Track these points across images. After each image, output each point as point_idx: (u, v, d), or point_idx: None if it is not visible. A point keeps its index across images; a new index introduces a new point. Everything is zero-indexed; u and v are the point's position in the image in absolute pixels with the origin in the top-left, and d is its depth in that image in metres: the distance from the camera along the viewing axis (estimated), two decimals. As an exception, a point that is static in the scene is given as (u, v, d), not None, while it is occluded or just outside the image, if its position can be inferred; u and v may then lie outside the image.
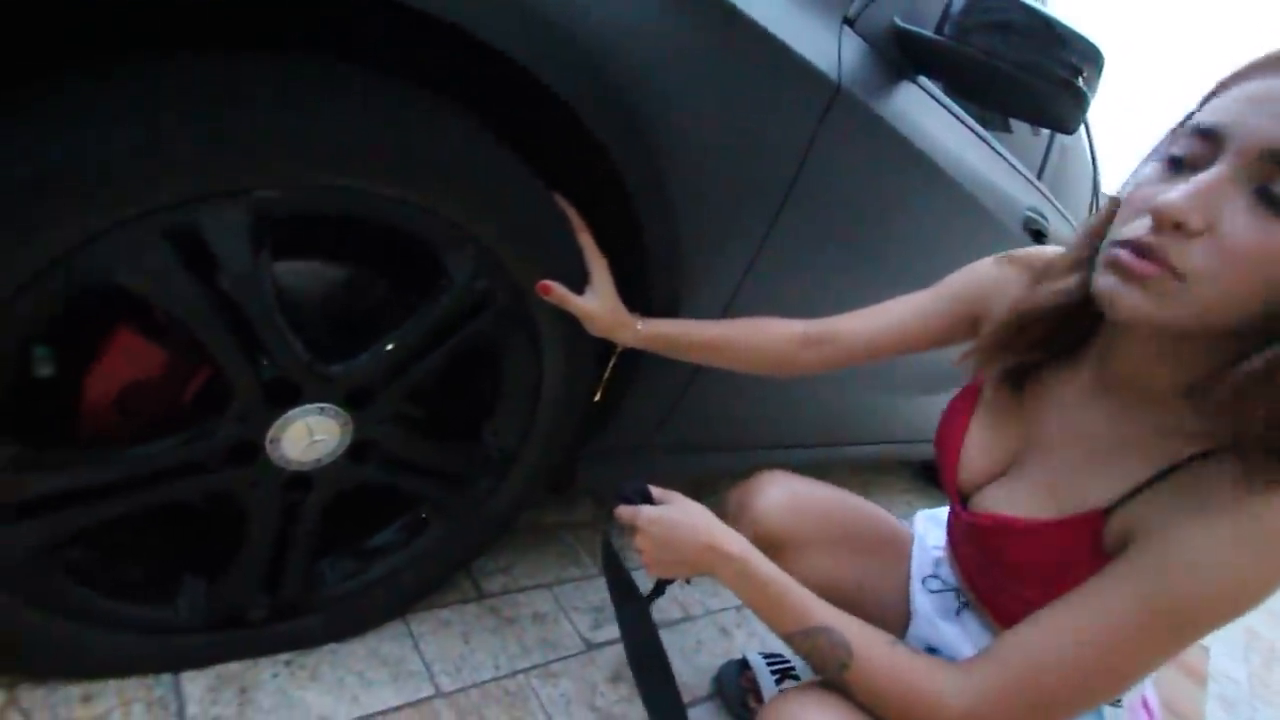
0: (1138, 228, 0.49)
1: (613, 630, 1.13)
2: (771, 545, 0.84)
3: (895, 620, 0.89)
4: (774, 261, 0.95)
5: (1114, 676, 0.52)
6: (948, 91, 1.16)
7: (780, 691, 1.08)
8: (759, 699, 1.07)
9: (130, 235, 0.52)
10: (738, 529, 0.84)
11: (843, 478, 2.36)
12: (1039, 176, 1.66)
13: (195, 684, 0.75)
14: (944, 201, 1.17)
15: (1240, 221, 0.45)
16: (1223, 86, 0.51)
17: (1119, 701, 0.71)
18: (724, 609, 1.33)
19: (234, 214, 0.56)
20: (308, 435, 0.69)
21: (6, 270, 0.49)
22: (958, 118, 1.20)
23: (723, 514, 0.84)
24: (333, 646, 0.86)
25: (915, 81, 1.04)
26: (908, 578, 0.91)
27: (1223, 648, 2.45)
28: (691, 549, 0.71)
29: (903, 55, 0.98)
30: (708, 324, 0.87)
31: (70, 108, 0.48)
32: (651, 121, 0.71)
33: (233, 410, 0.64)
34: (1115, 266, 0.50)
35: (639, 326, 0.83)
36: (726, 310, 0.95)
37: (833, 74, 0.85)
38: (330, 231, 0.70)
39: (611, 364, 0.93)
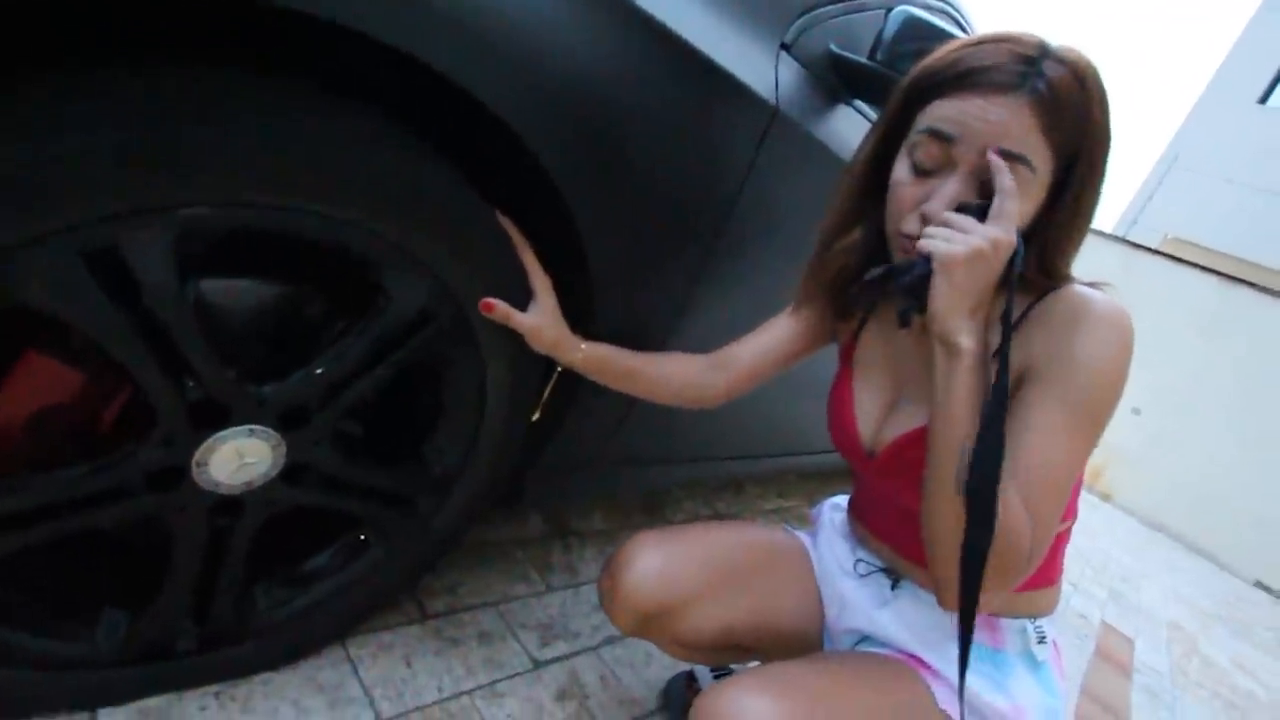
0: (912, 222, 0.67)
1: (561, 647, 1.12)
2: (653, 616, 0.84)
3: (811, 626, 0.91)
4: (718, 280, 0.97)
5: (1070, 470, 0.64)
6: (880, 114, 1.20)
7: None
8: None
9: (41, 254, 0.50)
10: (612, 612, 0.87)
11: (790, 485, 2.41)
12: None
13: (114, 716, 0.71)
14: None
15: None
16: (922, 94, 0.67)
17: (1044, 639, 0.79)
18: (673, 621, 1.34)
19: (156, 232, 0.54)
20: (237, 458, 0.67)
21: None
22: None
23: (600, 597, 0.88)
24: (266, 675, 0.83)
25: (850, 105, 1.08)
26: (813, 579, 0.93)
27: (1146, 642, 2.59)
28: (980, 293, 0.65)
29: (838, 79, 1.02)
30: (633, 354, 0.89)
31: None
32: (595, 142, 0.72)
33: (156, 433, 0.62)
34: (905, 252, 0.68)
35: (584, 346, 0.84)
36: (670, 328, 0.97)
37: (770, 97, 0.87)
38: (262, 247, 0.68)
39: (552, 383, 0.93)
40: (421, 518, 0.89)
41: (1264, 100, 9.22)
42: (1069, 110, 0.61)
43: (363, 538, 0.87)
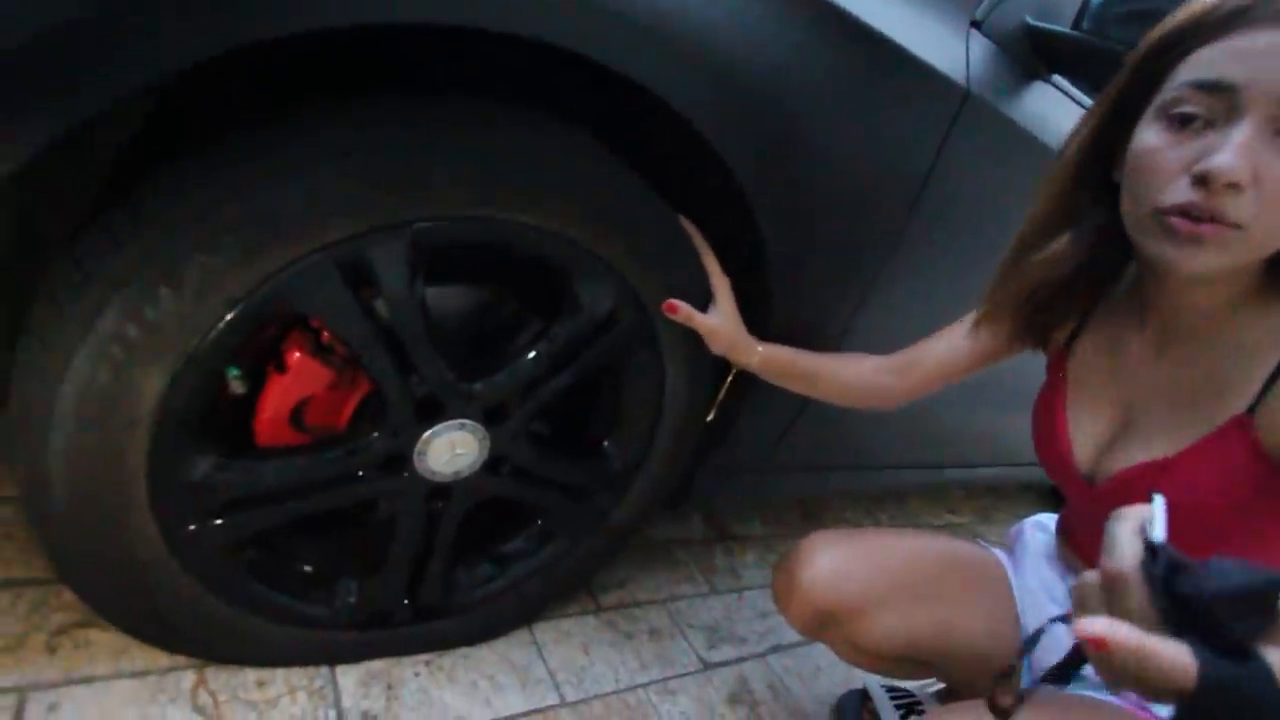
0: (1179, 191, 0.52)
1: (728, 650, 1.12)
2: (830, 616, 0.80)
3: (1002, 651, 0.82)
4: (902, 276, 0.93)
5: None
6: (1086, 90, 1.08)
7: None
8: None
9: (307, 270, 0.58)
10: (788, 608, 0.83)
11: (960, 500, 2.23)
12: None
13: (348, 678, 0.81)
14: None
15: (1276, 165, 0.49)
16: (1193, 41, 0.53)
17: None
18: (841, 634, 1.29)
19: (394, 246, 0.61)
20: (450, 449, 0.74)
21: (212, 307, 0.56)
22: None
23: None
24: (465, 650, 0.91)
25: (1049, 81, 0.98)
26: (1011, 602, 0.84)
27: None
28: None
29: (1035, 54, 0.93)
30: (812, 355, 0.86)
31: (242, 160, 0.55)
32: (776, 138, 0.72)
33: (387, 425, 0.70)
34: (1174, 234, 0.52)
35: (760, 348, 0.83)
36: (849, 326, 0.93)
37: (961, 79, 0.82)
38: (466, 257, 0.75)
39: (728, 384, 0.93)
40: (600, 511, 0.92)
41: None
42: None
43: (548, 528, 0.93)
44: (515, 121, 0.63)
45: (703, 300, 0.80)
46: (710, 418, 0.94)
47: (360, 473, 0.72)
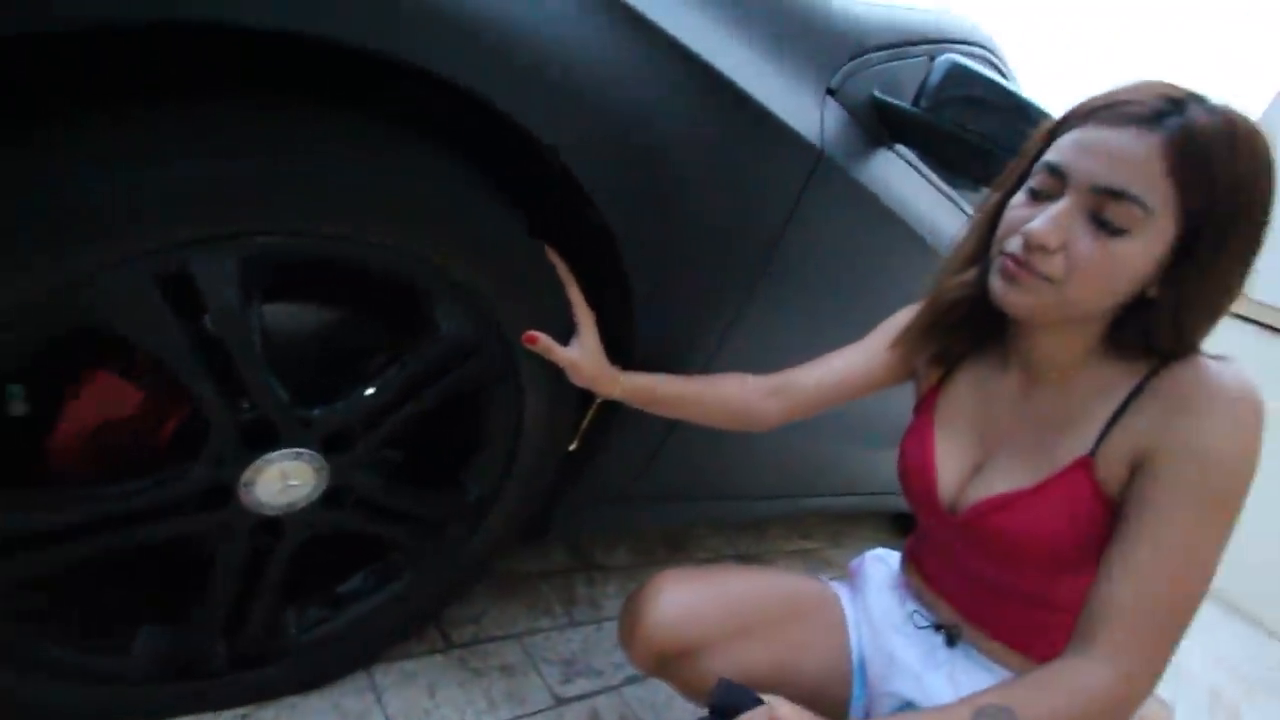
0: (1014, 245, 0.63)
1: (583, 684, 1.10)
2: (672, 657, 0.81)
3: (837, 686, 0.87)
4: (758, 316, 0.97)
5: (1206, 576, 0.61)
6: (921, 158, 1.21)
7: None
8: None
9: (119, 278, 0.52)
10: (631, 649, 0.85)
11: (814, 526, 2.36)
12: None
13: (144, 739, 0.71)
14: (918, 259, 1.22)
15: (1084, 240, 0.60)
16: (1060, 128, 0.65)
17: None
18: (696, 662, 1.31)
19: (229, 258, 0.56)
20: (282, 480, 0.68)
21: (-13, 308, 0.48)
22: (930, 182, 1.25)
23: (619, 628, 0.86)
24: (293, 699, 0.83)
25: (892, 149, 1.09)
26: (845, 635, 0.89)
27: (1186, 708, 2.47)
28: None
29: (881, 124, 1.03)
30: (679, 379, 0.88)
31: (67, 148, 0.48)
32: (645, 177, 0.74)
33: (209, 452, 0.63)
34: (1003, 272, 0.64)
35: (622, 379, 0.84)
36: (710, 363, 0.97)
37: (816, 140, 0.89)
38: (309, 274, 0.70)
39: (590, 414, 0.93)
40: (453, 544, 0.89)
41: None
42: (1207, 160, 0.56)
43: (395, 562, 0.87)
44: (381, 139, 0.61)
45: (566, 332, 0.80)
46: (573, 448, 0.93)
47: (174, 506, 0.64)
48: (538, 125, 0.63)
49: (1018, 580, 0.74)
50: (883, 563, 0.97)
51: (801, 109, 0.87)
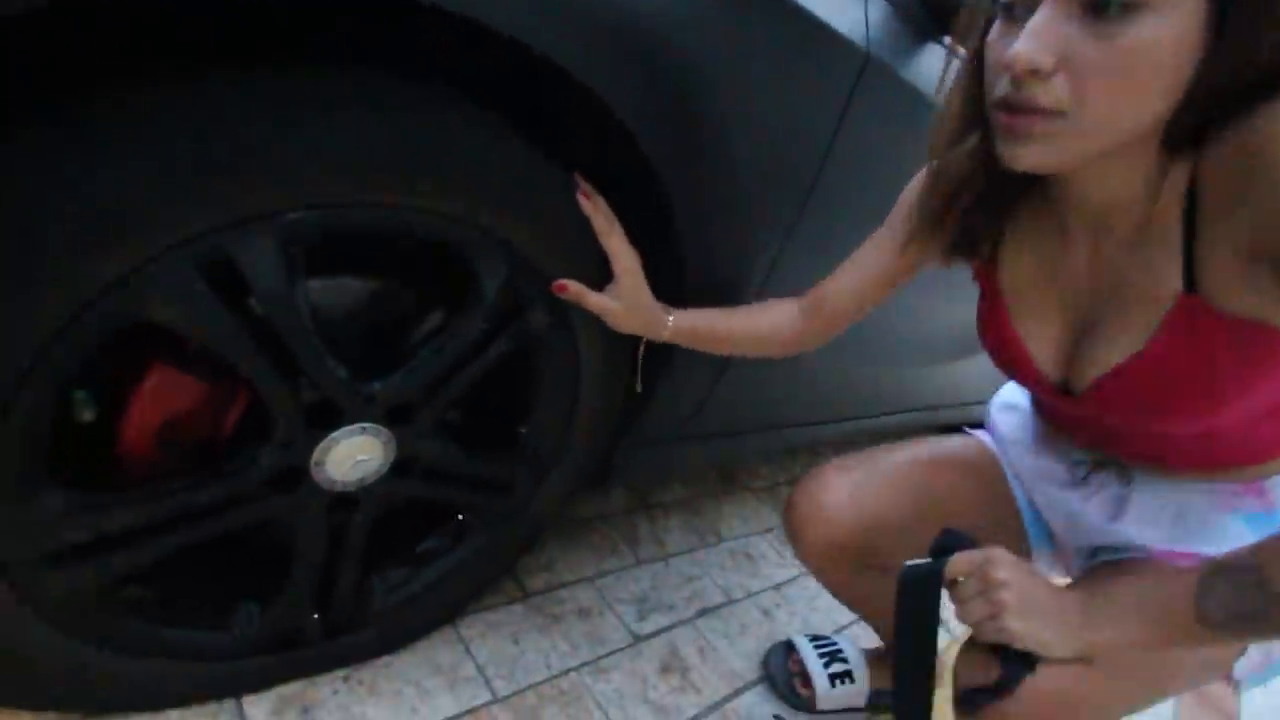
0: (1003, 86, 0.51)
1: (658, 620, 1.13)
2: (845, 543, 0.83)
3: (1012, 537, 0.86)
4: (811, 236, 0.93)
5: None
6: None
7: (828, 673, 1.08)
8: (807, 683, 1.08)
9: (159, 270, 0.50)
10: (803, 539, 0.86)
11: (866, 445, 2.35)
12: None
13: (258, 707, 0.75)
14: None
15: (1084, 42, 0.47)
16: None
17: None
18: (764, 589, 1.34)
19: (264, 239, 0.53)
20: (351, 456, 0.68)
21: (36, 322, 0.47)
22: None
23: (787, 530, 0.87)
24: (388, 659, 0.86)
25: (942, 44, 1.00)
26: (1008, 486, 0.89)
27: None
28: (1060, 629, 0.63)
29: (928, 17, 0.94)
30: (724, 315, 0.85)
31: (81, 143, 0.46)
32: (680, 100, 0.68)
33: (276, 437, 0.63)
34: (1001, 129, 0.53)
35: (669, 320, 0.80)
36: (763, 290, 0.93)
37: (862, 41, 0.81)
38: (359, 245, 0.68)
39: (641, 356, 0.90)
40: (521, 500, 0.89)
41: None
42: None
43: (467, 522, 0.88)
44: (403, 96, 0.57)
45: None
46: (639, 389, 0.91)
47: (250, 492, 0.64)
48: (563, 57, 0.57)
49: (1175, 427, 0.66)
50: (1013, 411, 0.91)
51: (844, 8, 0.79)
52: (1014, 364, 0.74)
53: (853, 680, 1.08)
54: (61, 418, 0.54)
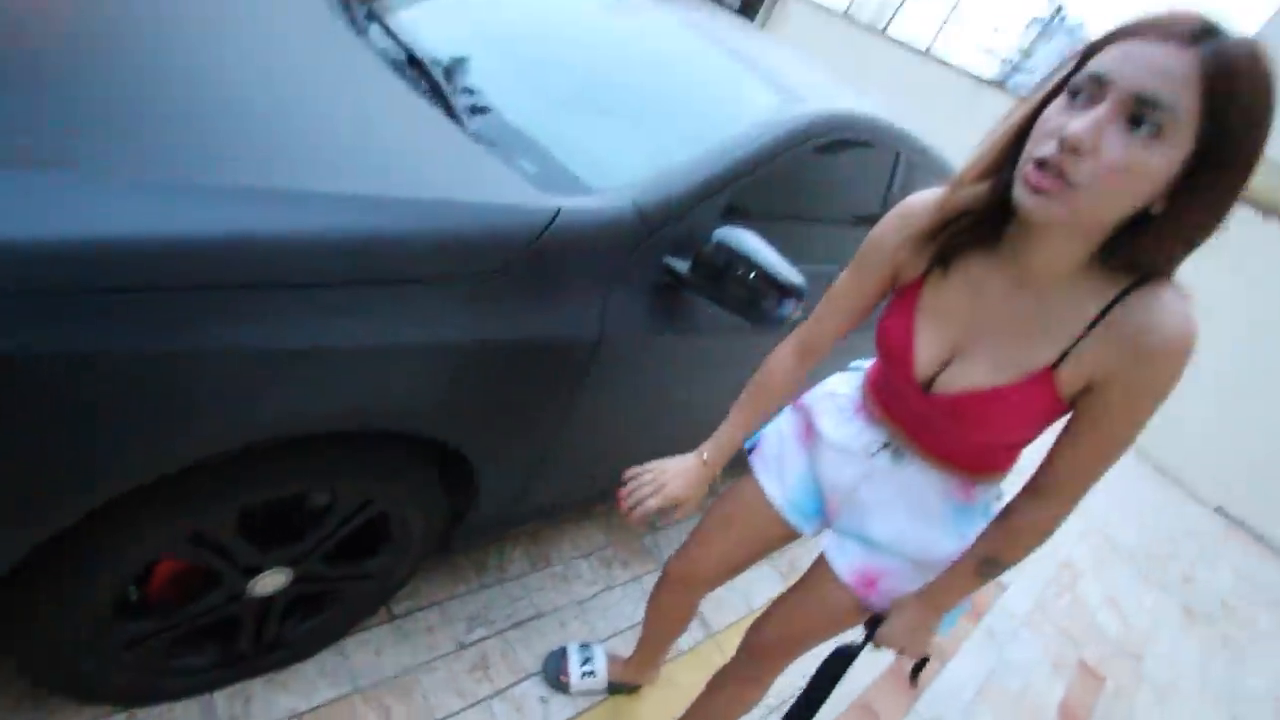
0: (1048, 148, 0.67)
1: (480, 632, 1.76)
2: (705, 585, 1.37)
3: (777, 527, 1.23)
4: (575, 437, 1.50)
5: (1113, 464, 0.81)
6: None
7: (582, 670, 1.74)
8: (566, 674, 1.72)
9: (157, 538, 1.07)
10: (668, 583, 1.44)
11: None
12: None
13: (220, 695, 1.38)
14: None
15: (1115, 143, 0.64)
16: (1107, 42, 0.68)
17: (1000, 497, 1.04)
18: (568, 604, 1.95)
19: (229, 519, 1.10)
20: (271, 582, 1.27)
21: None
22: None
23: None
24: (295, 665, 1.49)
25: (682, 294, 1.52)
26: (770, 508, 1.20)
27: (1019, 586, 3.04)
28: (924, 633, 0.97)
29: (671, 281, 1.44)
30: (741, 411, 1.10)
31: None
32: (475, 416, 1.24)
33: (225, 583, 1.22)
34: (1027, 183, 0.69)
35: (705, 458, 1.10)
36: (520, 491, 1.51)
37: (595, 332, 1.35)
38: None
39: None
40: (376, 582, 1.50)
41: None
42: (1234, 82, 0.61)
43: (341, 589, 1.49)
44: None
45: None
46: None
47: (215, 605, 1.24)
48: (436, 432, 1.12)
49: (974, 437, 0.91)
50: (835, 398, 1.15)
51: (582, 319, 1.33)
52: (896, 353, 0.92)
53: (595, 676, 1.74)
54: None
